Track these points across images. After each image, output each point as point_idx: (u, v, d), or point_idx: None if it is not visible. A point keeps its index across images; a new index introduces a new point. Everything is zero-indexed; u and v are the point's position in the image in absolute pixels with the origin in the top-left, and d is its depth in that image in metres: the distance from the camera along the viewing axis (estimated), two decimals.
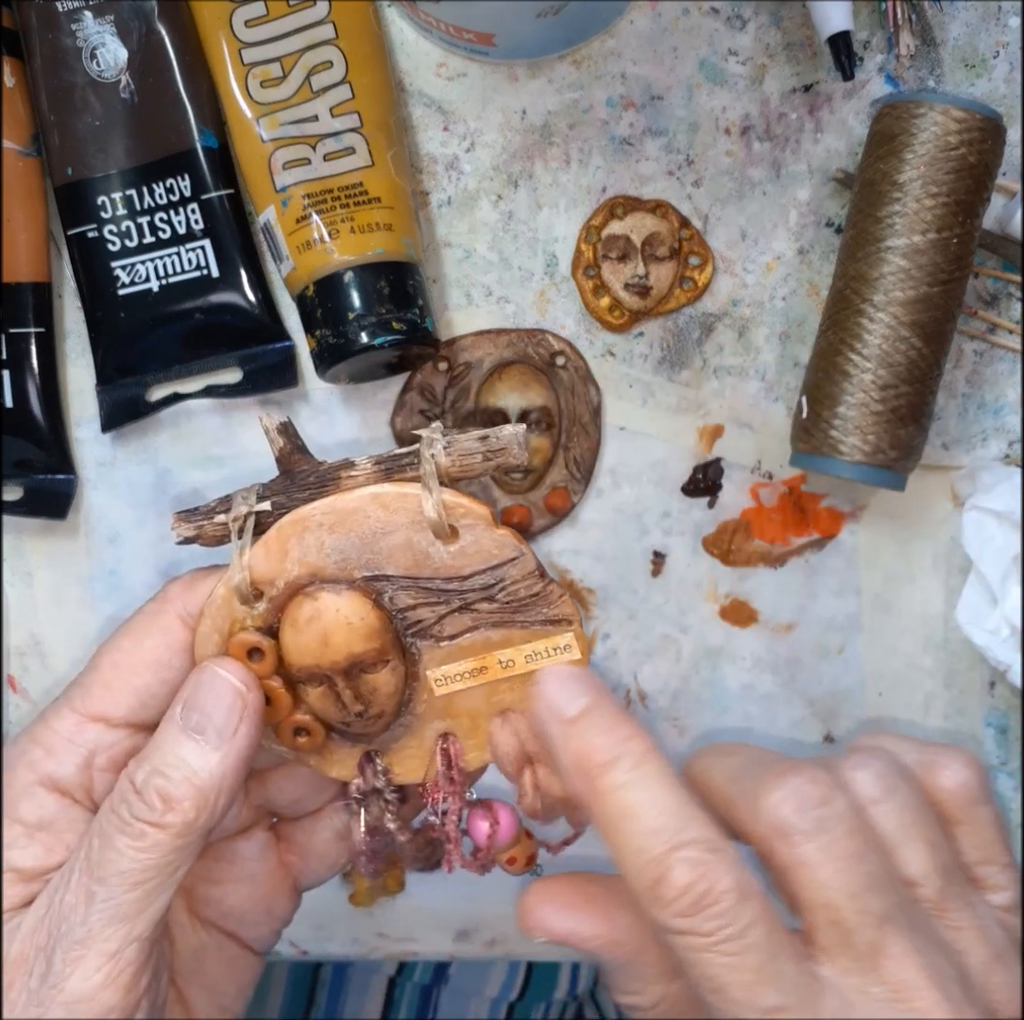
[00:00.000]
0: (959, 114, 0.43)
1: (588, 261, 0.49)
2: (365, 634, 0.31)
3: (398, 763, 0.33)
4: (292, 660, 0.31)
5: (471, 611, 0.31)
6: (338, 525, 0.30)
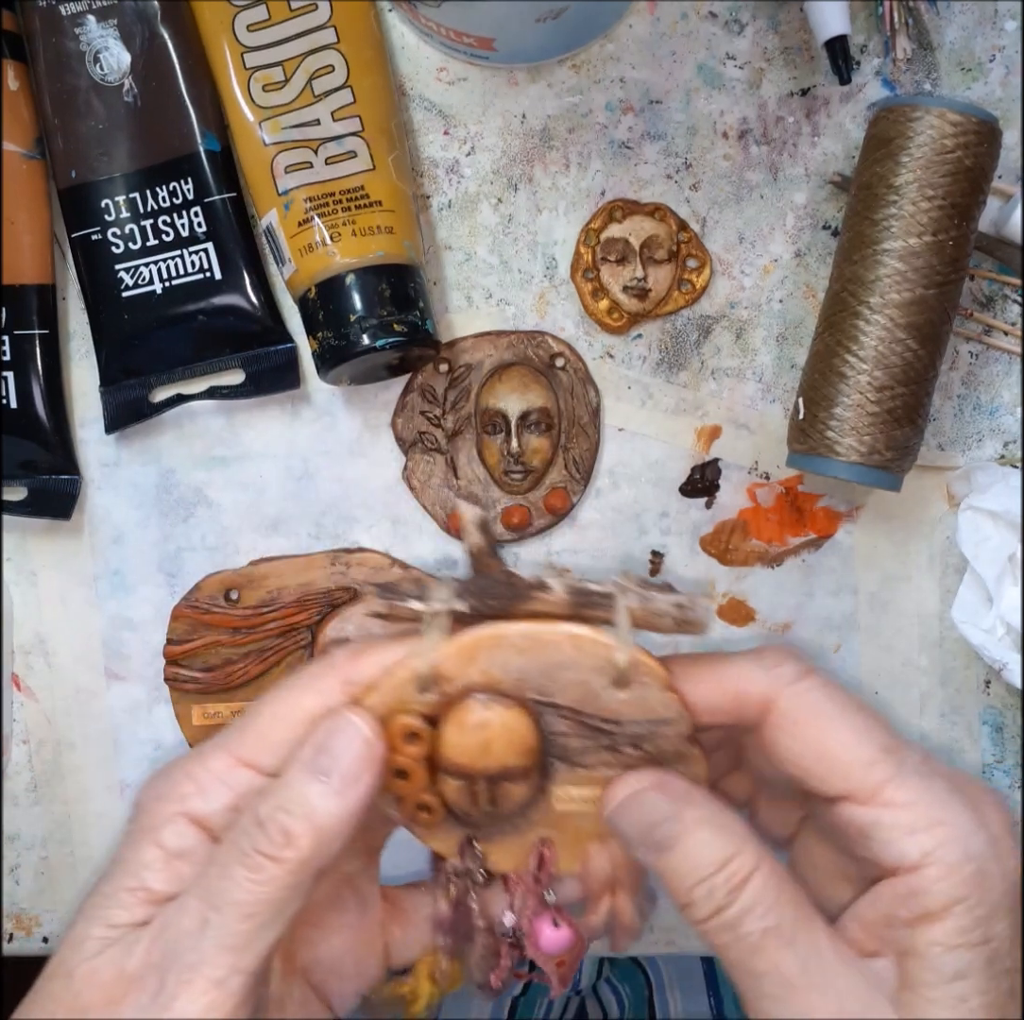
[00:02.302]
0: (955, 117, 0.43)
1: (587, 264, 0.49)
2: (522, 751, 0.33)
3: (495, 852, 0.35)
4: (447, 754, 0.33)
5: (615, 752, 0.33)
6: (529, 651, 0.32)
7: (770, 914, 0.29)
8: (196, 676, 0.50)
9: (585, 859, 0.35)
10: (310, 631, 0.50)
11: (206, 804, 0.31)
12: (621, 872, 0.35)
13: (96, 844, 0.52)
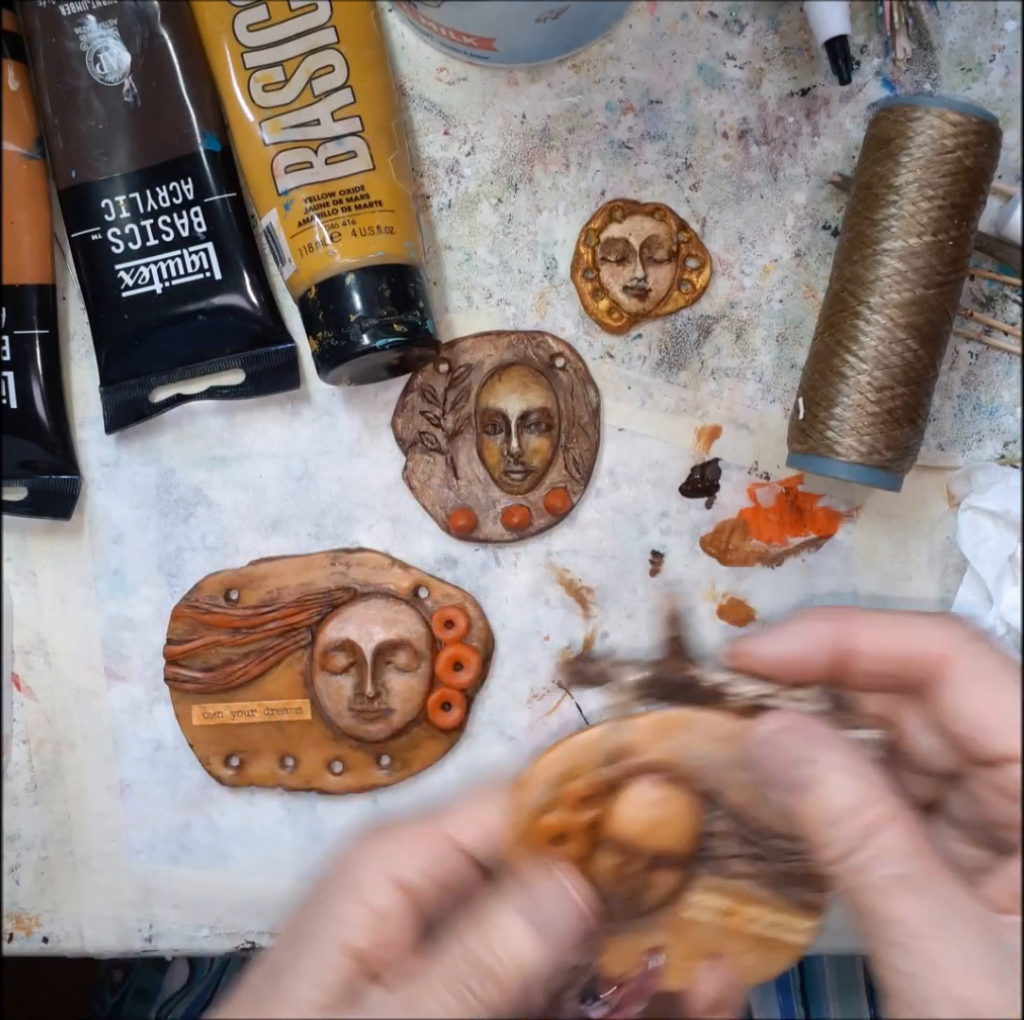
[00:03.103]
0: (955, 117, 0.43)
1: (587, 264, 0.49)
2: (686, 840, 0.34)
3: (610, 949, 0.36)
4: (615, 826, 0.33)
5: (760, 863, 0.34)
6: (716, 743, 0.33)
7: (904, 863, 0.30)
8: (196, 676, 0.50)
9: (694, 979, 0.35)
10: (310, 631, 0.50)
11: (410, 870, 0.33)
12: (728, 994, 0.35)
13: (96, 844, 0.52)
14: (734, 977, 0.35)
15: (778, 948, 0.35)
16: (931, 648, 0.32)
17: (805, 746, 0.32)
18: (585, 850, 0.34)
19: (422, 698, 0.50)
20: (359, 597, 0.50)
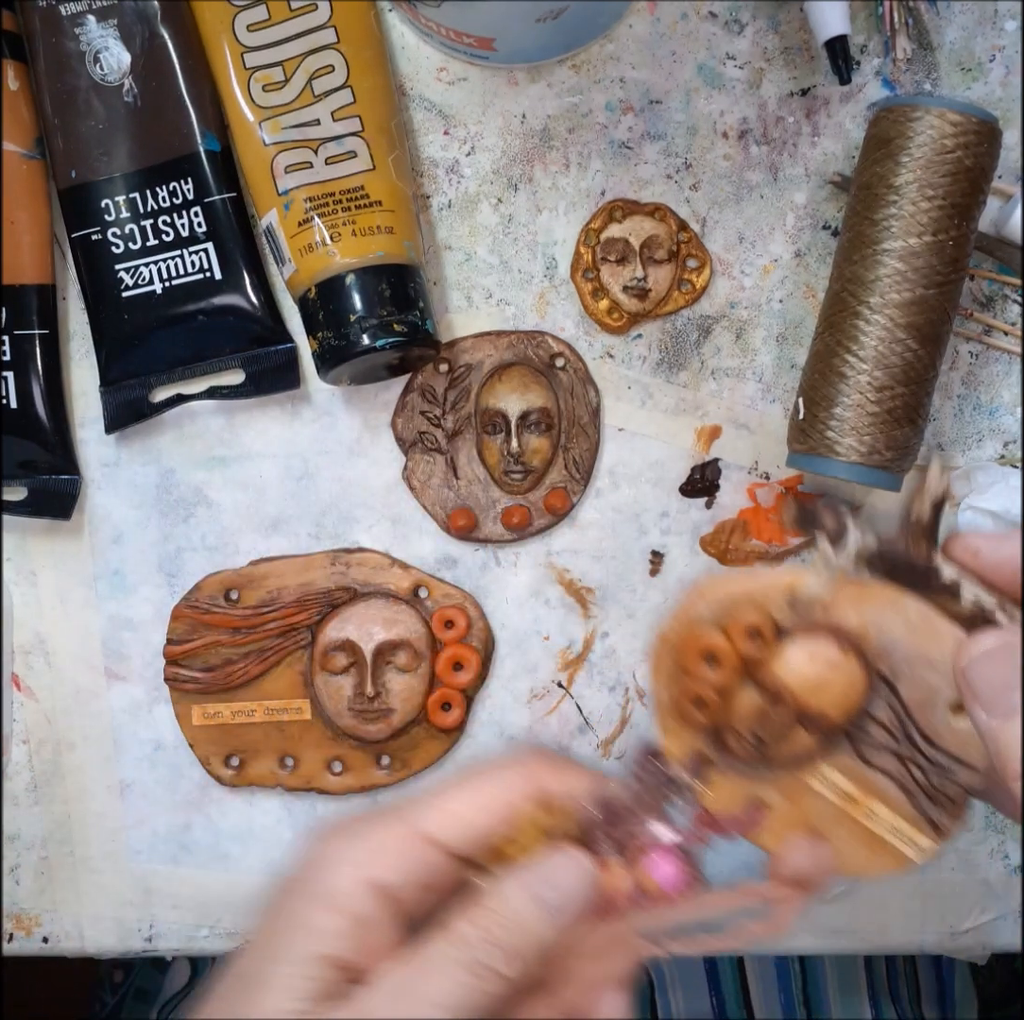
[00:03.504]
0: (955, 117, 0.43)
1: (587, 264, 0.49)
2: (843, 710, 0.32)
3: (718, 789, 0.34)
4: (778, 670, 0.32)
5: (904, 765, 0.33)
6: (914, 630, 0.32)
7: None
8: (196, 676, 0.50)
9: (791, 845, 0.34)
10: (310, 631, 0.50)
11: (387, 874, 0.32)
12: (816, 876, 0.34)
13: (96, 844, 0.52)
14: (828, 861, 0.34)
15: (887, 853, 0.34)
16: None
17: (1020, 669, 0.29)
18: (732, 680, 0.32)
19: (422, 698, 0.50)
20: (359, 597, 0.50)
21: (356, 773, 0.50)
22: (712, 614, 0.32)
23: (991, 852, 0.51)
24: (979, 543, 0.31)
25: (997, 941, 0.52)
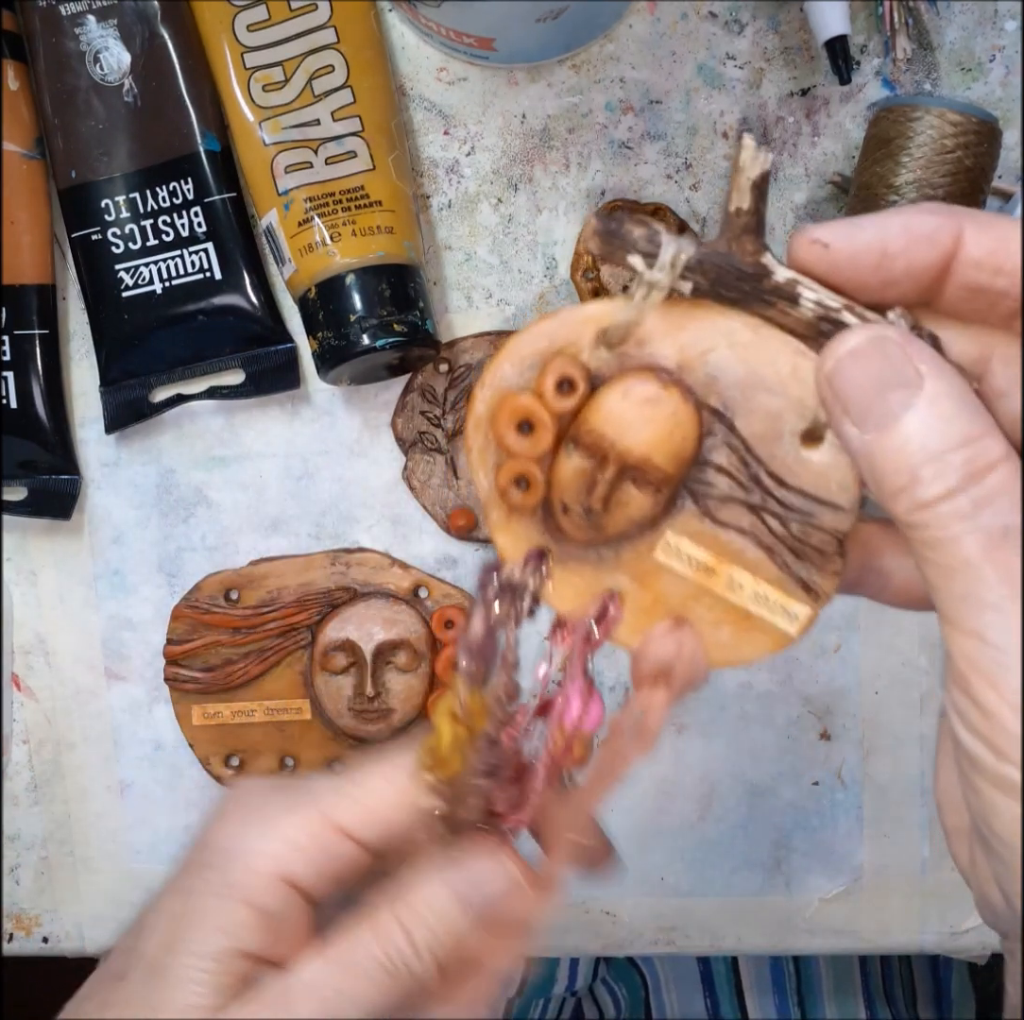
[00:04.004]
0: (955, 117, 0.43)
1: (587, 264, 0.49)
2: (674, 454, 0.27)
3: (560, 582, 0.30)
4: (592, 420, 0.27)
5: (757, 516, 0.28)
6: (741, 347, 0.27)
7: (1016, 511, 0.24)
8: (196, 676, 0.50)
9: (649, 636, 0.29)
10: (310, 631, 0.50)
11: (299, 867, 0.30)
12: (681, 667, 0.29)
13: (96, 844, 0.52)
14: (696, 648, 0.29)
15: (760, 629, 0.29)
16: None
17: (909, 363, 0.25)
18: (549, 444, 0.28)
19: (422, 698, 0.50)
20: (359, 597, 0.50)
21: None
22: (520, 374, 0.28)
23: None
24: (829, 234, 0.25)
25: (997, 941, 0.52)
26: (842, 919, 0.52)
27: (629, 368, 0.27)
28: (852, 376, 0.25)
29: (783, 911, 0.52)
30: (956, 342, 0.27)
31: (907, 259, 0.25)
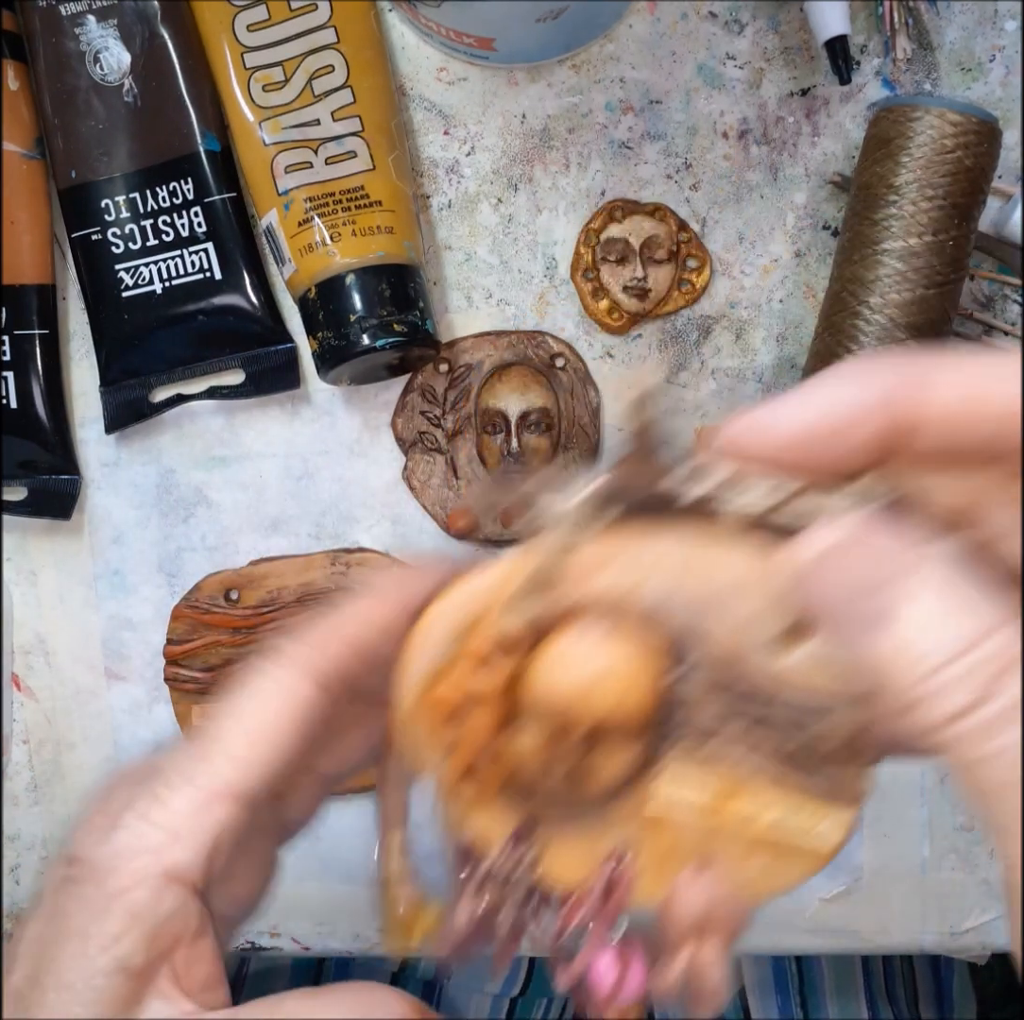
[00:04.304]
0: (955, 117, 0.43)
1: (587, 264, 0.49)
2: (637, 705, 0.24)
3: (554, 852, 0.26)
4: (536, 691, 0.24)
5: (753, 739, 0.24)
6: (680, 566, 0.23)
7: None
8: (196, 676, 0.50)
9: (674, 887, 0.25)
10: None
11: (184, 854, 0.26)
12: (719, 913, 0.25)
13: None
14: (728, 890, 0.25)
15: (790, 853, 0.25)
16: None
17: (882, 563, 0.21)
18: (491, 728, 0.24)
19: None
20: None
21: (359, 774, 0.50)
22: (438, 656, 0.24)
23: (991, 852, 0.51)
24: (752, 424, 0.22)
25: (997, 941, 0.52)
26: (842, 919, 0.52)
27: (560, 622, 0.24)
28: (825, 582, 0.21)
29: (783, 911, 0.52)
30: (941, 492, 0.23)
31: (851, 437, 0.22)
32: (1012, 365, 0.21)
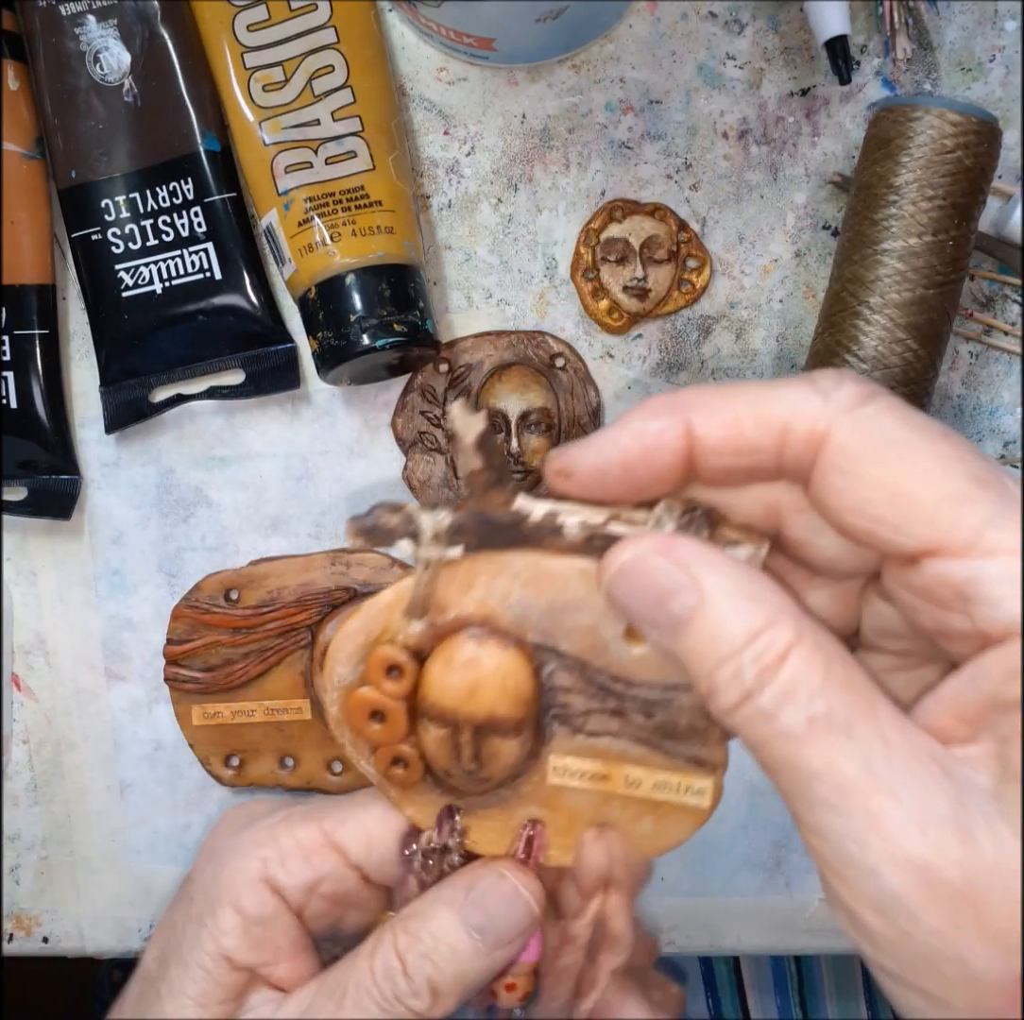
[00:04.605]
0: (955, 117, 0.43)
1: (587, 264, 0.49)
2: (514, 700, 0.29)
3: (477, 829, 0.31)
4: (429, 695, 0.29)
5: (622, 718, 0.29)
6: (533, 583, 0.28)
7: (817, 699, 0.23)
8: (196, 676, 0.50)
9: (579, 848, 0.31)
10: (310, 631, 0.50)
11: (288, 877, 0.31)
12: (619, 868, 0.31)
13: (96, 844, 0.52)
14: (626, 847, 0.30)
15: (676, 812, 0.30)
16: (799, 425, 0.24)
17: (678, 570, 0.25)
18: (405, 725, 0.30)
19: None
20: (359, 597, 0.50)
21: (356, 773, 0.50)
22: (353, 670, 0.30)
23: None
24: (568, 463, 0.27)
25: None
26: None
27: (442, 636, 0.29)
28: (627, 593, 0.26)
29: (783, 911, 0.52)
30: (738, 504, 0.27)
31: (647, 466, 0.26)
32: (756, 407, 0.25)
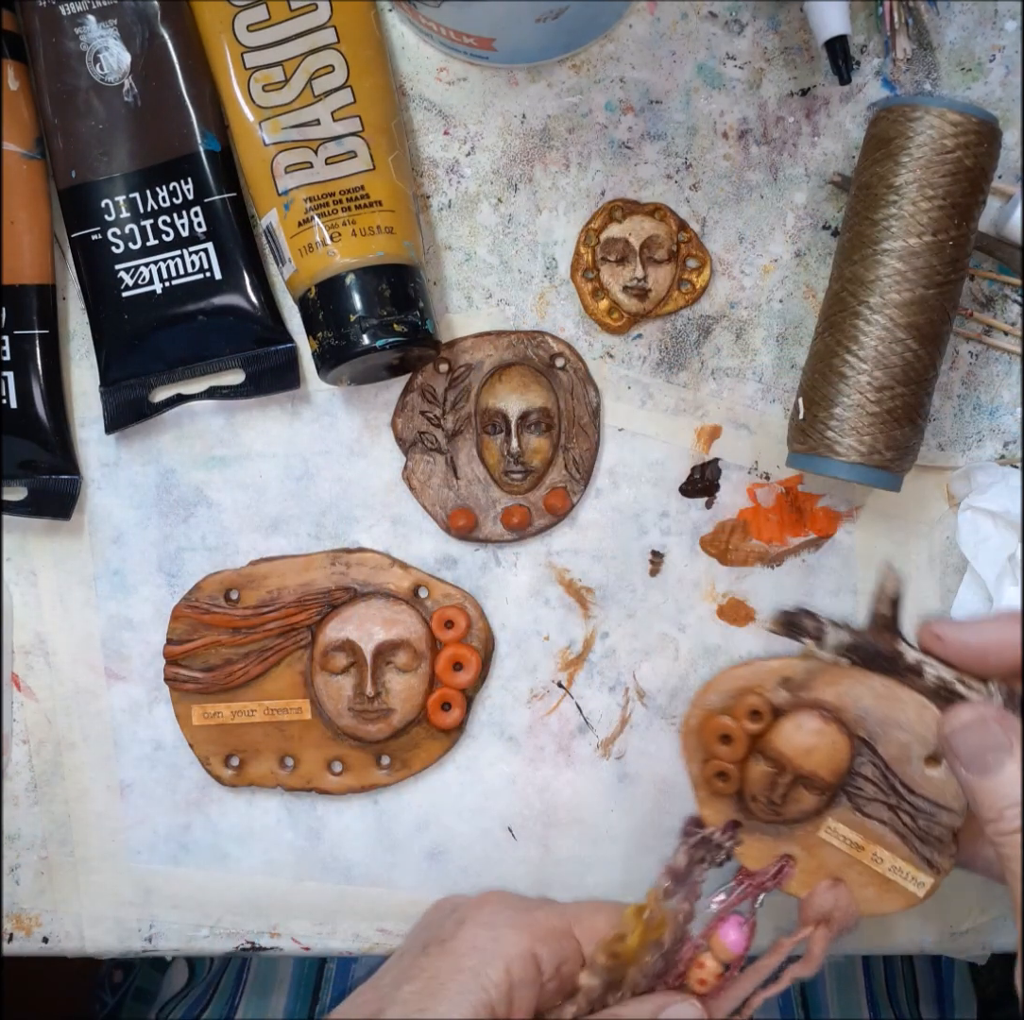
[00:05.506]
0: (955, 117, 0.43)
1: (587, 264, 0.49)
2: (833, 769, 0.40)
3: (747, 845, 0.42)
4: (775, 741, 0.40)
5: (894, 812, 0.40)
6: (882, 699, 0.39)
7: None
8: (196, 676, 0.50)
9: (814, 889, 0.41)
10: (310, 631, 0.50)
11: (547, 954, 0.39)
12: (838, 912, 0.41)
13: (96, 844, 0.52)
14: (850, 901, 0.41)
15: (895, 891, 0.41)
16: None
17: (1004, 735, 0.37)
18: (743, 754, 0.40)
19: (422, 698, 0.50)
20: (359, 597, 0.50)
21: (356, 773, 0.50)
22: (721, 701, 0.41)
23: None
24: (942, 630, 0.38)
25: (997, 941, 0.52)
26: None
27: (802, 706, 0.40)
28: (962, 740, 0.38)
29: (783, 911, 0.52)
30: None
31: (999, 657, 0.38)
32: None
